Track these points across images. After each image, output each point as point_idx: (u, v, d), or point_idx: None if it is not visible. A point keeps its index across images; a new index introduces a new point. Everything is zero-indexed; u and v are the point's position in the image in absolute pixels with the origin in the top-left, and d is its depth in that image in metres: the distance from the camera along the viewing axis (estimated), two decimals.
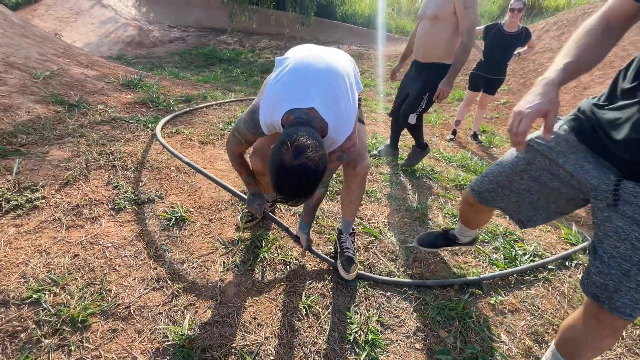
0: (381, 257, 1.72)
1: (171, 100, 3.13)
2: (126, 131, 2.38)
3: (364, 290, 1.51)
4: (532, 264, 1.76)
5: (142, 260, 1.45)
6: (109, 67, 3.85)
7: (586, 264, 1.79)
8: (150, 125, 2.52)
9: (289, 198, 1.00)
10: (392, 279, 1.58)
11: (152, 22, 10.04)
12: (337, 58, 1.26)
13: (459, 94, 5.99)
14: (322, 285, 1.51)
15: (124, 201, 1.73)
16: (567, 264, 1.83)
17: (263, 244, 1.65)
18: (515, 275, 1.70)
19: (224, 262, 1.53)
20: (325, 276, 1.56)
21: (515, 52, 3.58)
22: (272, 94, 1.13)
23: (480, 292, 1.58)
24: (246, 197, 1.64)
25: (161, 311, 1.26)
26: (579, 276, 1.76)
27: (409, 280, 1.60)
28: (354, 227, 1.71)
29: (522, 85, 6.16)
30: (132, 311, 1.24)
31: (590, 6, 7.28)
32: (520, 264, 1.77)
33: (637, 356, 1.37)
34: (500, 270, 1.72)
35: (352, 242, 1.63)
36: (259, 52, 9.26)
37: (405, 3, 14.02)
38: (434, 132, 4.33)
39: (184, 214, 1.72)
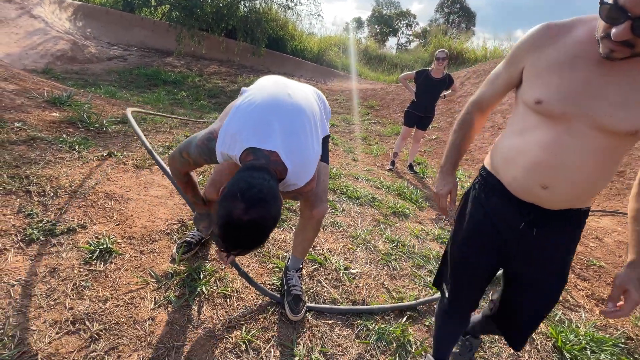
0: (325, 285, 1.74)
1: (104, 121, 2.91)
2: (47, 152, 2.14)
3: (307, 320, 1.50)
4: None
5: (55, 299, 1.27)
6: (32, 81, 3.47)
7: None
8: (77, 147, 2.30)
9: (233, 250, 0.96)
10: (338, 307, 1.60)
11: (89, 38, 9.39)
12: (305, 97, 1.23)
13: (397, 129, 6.53)
14: (265, 318, 1.46)
15: (38, 231, 1.52)
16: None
17: (201, 277, 1.56)
18: None
19: (155, 298, 1.40)
20: (268, 308, 1.51)
21: (441, 95, 4.11)
22: (234, 126, 1.06)
23: (417, 315, 1.67)
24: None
25: (76, 358, 1.10)
26: (498, 288, 1.95)
27: (354, 307, 1.62)
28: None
29: (450, 123, 6.96)
30: (39, 359, 1.06)
31: (502, 60, 8.67)
32: None
33: None
34: (434, 292, 1.85)
35: (300, 277, 1.59)
36: (207, 77, 9.13)
37: (351, 44, 15.33)
38: (376, 162, 4.62)
39: (110, 246, 1.56)
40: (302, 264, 1.66)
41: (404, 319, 1.61)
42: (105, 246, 1.54)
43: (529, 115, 0.90)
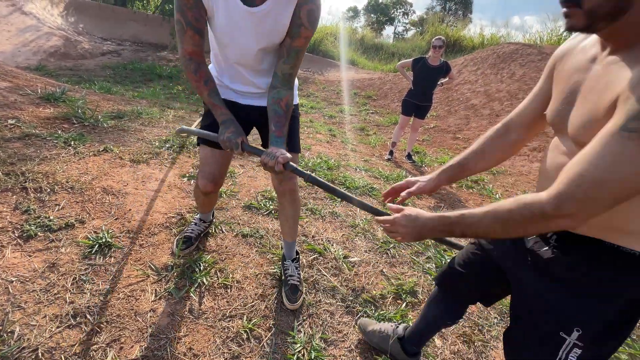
0: (325, 273, 1.74)
1: (99, 117, 2.88)
2: (42, 149, 2.12)
3: (307, 308, 1.51)
4: None
5: (55, 294, 1.27)
6: (25, 78, 3.43)
7: None
8: (73, 143, 2.28)
9: None
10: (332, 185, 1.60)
11: (82, 33, 9.27)
12: None
13: (395, 119, 6.50)
14: (265, 306, 1.47)
15: (35, 227, 1.51)
16: None
17: (201, 268, 1.57)
18: None
19: (155, 290, 1.41)
20: (269, 296, 1.52)
21: (438, 82, 4.08)
22: None
23: (416, 301, 1.68)
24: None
25: (77, 351, 1.11)
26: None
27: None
28: (297, 249, 1.69)
29: (447, 111, 6.92)
30: (40, 354, 1.07)
31: (499, 47, 8.58)
32: None
33: None
34: (434, 278, 1.86)
35: (296, 268, 1.60)
36: None
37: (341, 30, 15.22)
38: (374, 152, 4.61)
39: (109, 240, 1.56)
40: (297, 252, 1.66)
41: (404, 305, 1.63)
42: (104, 240, 1.54)
43: None
